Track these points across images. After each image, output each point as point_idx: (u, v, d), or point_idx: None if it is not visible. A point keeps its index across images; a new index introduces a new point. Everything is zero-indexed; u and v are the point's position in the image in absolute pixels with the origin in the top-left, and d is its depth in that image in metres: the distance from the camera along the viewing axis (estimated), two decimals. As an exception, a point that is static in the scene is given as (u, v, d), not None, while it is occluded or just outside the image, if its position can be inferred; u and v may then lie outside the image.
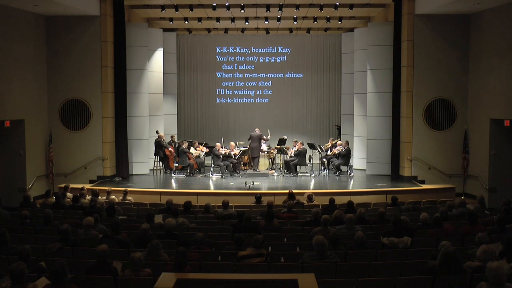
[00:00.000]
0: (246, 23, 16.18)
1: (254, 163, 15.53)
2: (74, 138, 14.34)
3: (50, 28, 14.12)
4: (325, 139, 17.78)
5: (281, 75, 18.89)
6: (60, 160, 14.15)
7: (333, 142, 15.93)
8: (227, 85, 18.93)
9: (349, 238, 7.03)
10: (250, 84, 18.92)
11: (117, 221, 7.33)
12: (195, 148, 15.43)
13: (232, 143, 15.47)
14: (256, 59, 18.88)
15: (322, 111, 18.84)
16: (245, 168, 15.88)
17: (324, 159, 15.70)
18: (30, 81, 13.42)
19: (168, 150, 15.46)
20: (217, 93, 18.96)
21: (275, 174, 15.34)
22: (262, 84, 18.91)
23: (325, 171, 15.45)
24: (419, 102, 14.15)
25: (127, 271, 5.56)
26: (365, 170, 15.60)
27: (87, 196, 11.13)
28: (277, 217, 8.58)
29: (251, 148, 15.47)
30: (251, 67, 18.89)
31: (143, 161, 15.53)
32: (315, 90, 18.82)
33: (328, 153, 15.69)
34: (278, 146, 15.52)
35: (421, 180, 14.02)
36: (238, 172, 15.31)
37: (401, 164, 14.48)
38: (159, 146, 15.39)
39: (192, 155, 15.03)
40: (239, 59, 18.89)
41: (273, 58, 18.87)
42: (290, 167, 15.04)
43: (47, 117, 14.22)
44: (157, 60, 16.39)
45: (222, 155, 14.81)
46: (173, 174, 15.19)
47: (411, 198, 11.83)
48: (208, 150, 15.50)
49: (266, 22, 16.18)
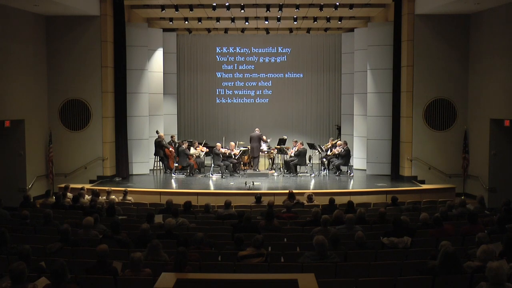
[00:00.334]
0: (246, 23, 16.18)
1: (254, 163, 15.53)
2: (74, 138, 14.34)
3: (50, 28, 14.12)
4: (325, 139, 17.79)
5: (281, 75, 18.89)
6: (60, 160, 14.15)
7: (333, 142, 15.93)
8: (227, 85, 18.92)
9: (349, 238, 7.03)
10: (250, 84, 18.92)
11: (117, 221, 7.33)
12: (195, 148, 15.43)
13: (232, 143, 15.47)
14: (256, 59, 18.88)
15: (322, 111, 18.84)
16: (245, 168, 15.88)
17: (324, 159, 15.70)
18: (30, 81, 13.42)
19: (168, 150, 15.47)
20: (217, 93, 18.96)
21: (275, 174, 15.34)
22: (262, 84, 18.91)
23: (325, 171, 15.46)
24: (419, 102, 14.15)
25: (127, 271, 5.56)
26: (365, 170, 15.60)
27: (87, 196, 11.14)
28: (277, 217, 8.58)
29: (251, 148, 15.48)
30: (251, 67, 18.89)
31: (143, 161, 15.54)
32: (315, 90, 18.81)
33: (328, 153, 15.70)
34: (278, 146, 15.52)
35: (421, 180, 14.02)
36: (238, 172, 15.31)
37: (401, 164, 14.48)
38: (159, 146, 15.39)
39: (192, 156, 15.03)
40: (239, 59, 18.88)
41: (273, 58, 18.87)
42: (290, 167, 15.04)
43: (47, 117, 14.22)
44: (157, 60, 16.39)
45: (222, 154, 14.81)
46: (173, 174, 15.19)
47: (411, 198, 11.83)
48: (208, 150, 15.50)
49: (266, 22, 16.17)
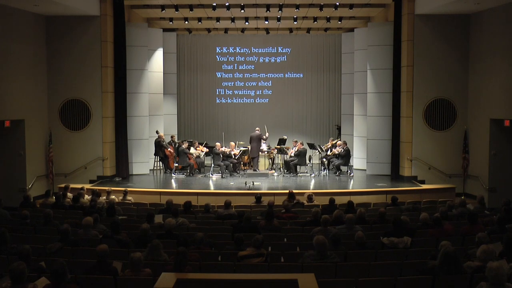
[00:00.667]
0: (246, 23, 16.17)
1: (254, 163, 15.53)
2: (74, 138, 14.34)
3: (50, 28, 14.11)
4: (325, 139, 17.78)
5: (281, 75, 18.88)
6: (60, 160, 14.15)
7: (333, 142, 15.93)
8: (227, 85, 18.92)
9: (349, 238, 7.02)
10: (250, 84, 18.91)
11: (117, 221, 7.33)
12: (195, 148, 15.43)
13: (232, 143, 15.47)
14: (256, 59, 18.87)
15: (322, 111, 18.84)
16: (245, 168, 15.88)
17: (324, 159, 15.70)
18: (30, 81, 13.42)
19: (168, 150, 15.47)
20: (217, 93, 18.96)
21: (275, 174, 15.34)
22: (262, 84, 18.90)
23: (325, 171, 15.45)
24: (419, 102, 14.15)
25: (127, 271, 5.55)
26: (365, 170, 15.60)
27: (87, 196, 11.14)
28: (277, 217, 8.58)
29: (251, 148, 15.48)
30: (251, 67, 18.89)
31: (143, 161, 15.53)
32: (315, 90, 18.81)
33: (328, 153, 15.70)
34: (278, 146, 15.52)
35: (421, 180, 14.02)
36: (238, 172, 15.31)
37: (401, 164, 14.48)
38: (159, 146, 15.39)
39: (192, 156, 15.03)
40: (239, 59, 18.88)
41: (273, 58, 18.86)
42: (290, 167, 15.04)
43: (47, 117, 14.21)
44: (157, 60, 16.38)
45: (222, 153, 14.81)
46: (173, 174, 15.19)
47: (411, 198, 11.83)
48: (208, 150, 15.50)
49: (266, 22, 16.17)
